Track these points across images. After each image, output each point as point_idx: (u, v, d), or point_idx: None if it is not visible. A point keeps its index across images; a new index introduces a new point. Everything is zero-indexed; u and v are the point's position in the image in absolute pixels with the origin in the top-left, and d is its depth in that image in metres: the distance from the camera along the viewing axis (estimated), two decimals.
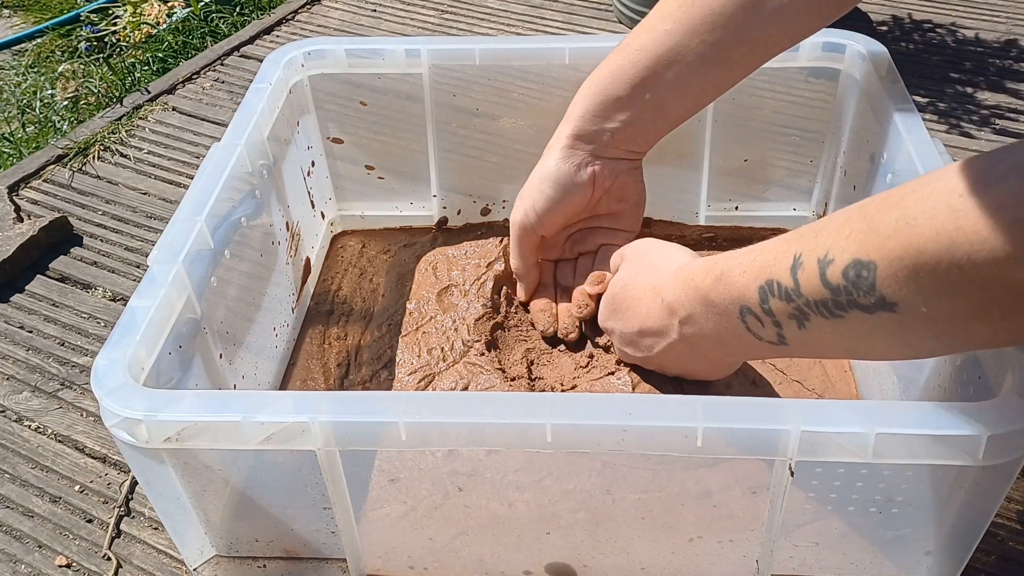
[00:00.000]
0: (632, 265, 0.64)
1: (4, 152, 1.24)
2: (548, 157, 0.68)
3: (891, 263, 0.40)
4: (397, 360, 0.71)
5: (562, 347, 0.71)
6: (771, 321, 0.48)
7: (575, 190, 0.67)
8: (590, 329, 0.71)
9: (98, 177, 1.00)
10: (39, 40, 1.62)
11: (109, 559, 0.63)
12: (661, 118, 0.65)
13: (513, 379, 0.68)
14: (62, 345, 0.79)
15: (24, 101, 1.39)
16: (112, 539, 0.64)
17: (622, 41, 0.65)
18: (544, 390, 0.68)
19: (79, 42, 1.55)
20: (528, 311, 0.74)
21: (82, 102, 1.35)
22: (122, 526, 0.65)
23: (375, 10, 1.30)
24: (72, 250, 0.90)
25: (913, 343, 0.44)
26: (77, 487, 0.68)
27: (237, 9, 1.50)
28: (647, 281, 0.61)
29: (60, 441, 0.71)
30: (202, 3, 1.48)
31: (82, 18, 1.59)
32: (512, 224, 0.70)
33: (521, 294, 0.74)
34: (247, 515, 0.56)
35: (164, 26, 1.48)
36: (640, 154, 0.69)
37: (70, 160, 1.02)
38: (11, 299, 0.84)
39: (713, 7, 0.60)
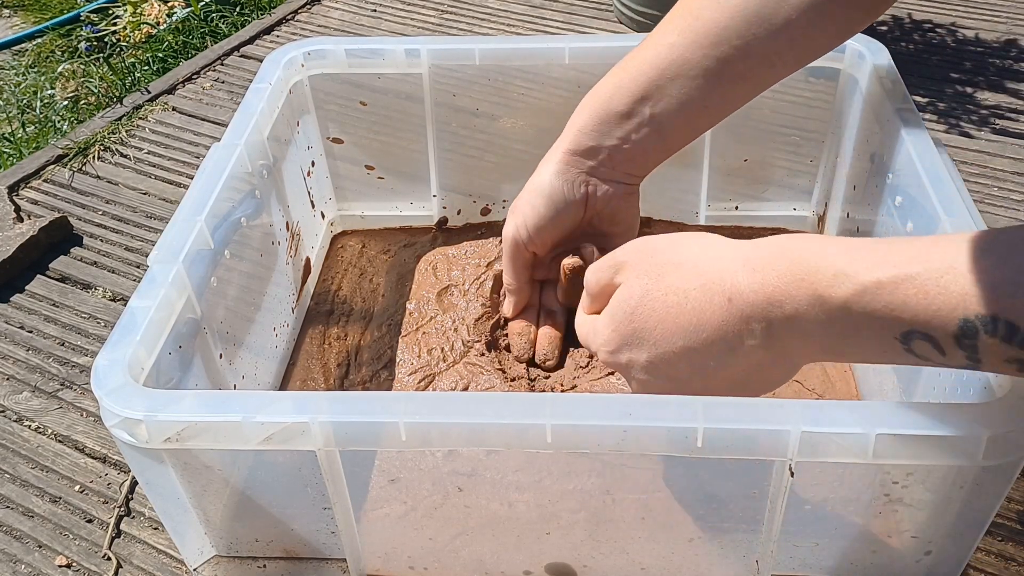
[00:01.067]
0: (645, 270, 0.51)
1: (4, 152, 1.24)
2: (543, 170, 0.65)
3: None
4: (397, 360, 0.71)
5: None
6: (965, 355, 0.40)
7: (567, 208, 0.65)
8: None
9: (98, 177, 1.00)
10: (39, 40, 1.62)
11: (109, 559, 0.63)
12: (660, 137, 0.63)
13: (513, 379, 0.68)
14: (62, 345, 0.79)
15: (24, 101, 1.39)
16: (112, 539, 0.64)
17: (627, 55, 0.63)
18: (544, 390, 0.68)
19: (79, 42, 1.55)
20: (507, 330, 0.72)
21: (82, 102, 1.35)
22: (122, 526, 0.65)
23: (375, 10, 1.30)
24: (72, 250, 0.90)
25: None
26: (77, 487, 0.68)
27: (237, 9, 1.50)
28: (689, 282, 0.48)
29: (60, 441, 0.71)
30: (202, 3, 1.48)
31: (82, 18, 1.59)
32: (504, 239, 0.68)
33: (508, 309, 0.71)
34: (247, 515, 0.56)
35: (164, 26, 1.48)
36: (637, 178, 0.66)
37: (70, 160, 1.02)
38: (11, 299, 0.84)
39: (719, 20, 0.58)
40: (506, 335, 0.72)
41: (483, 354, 0.70)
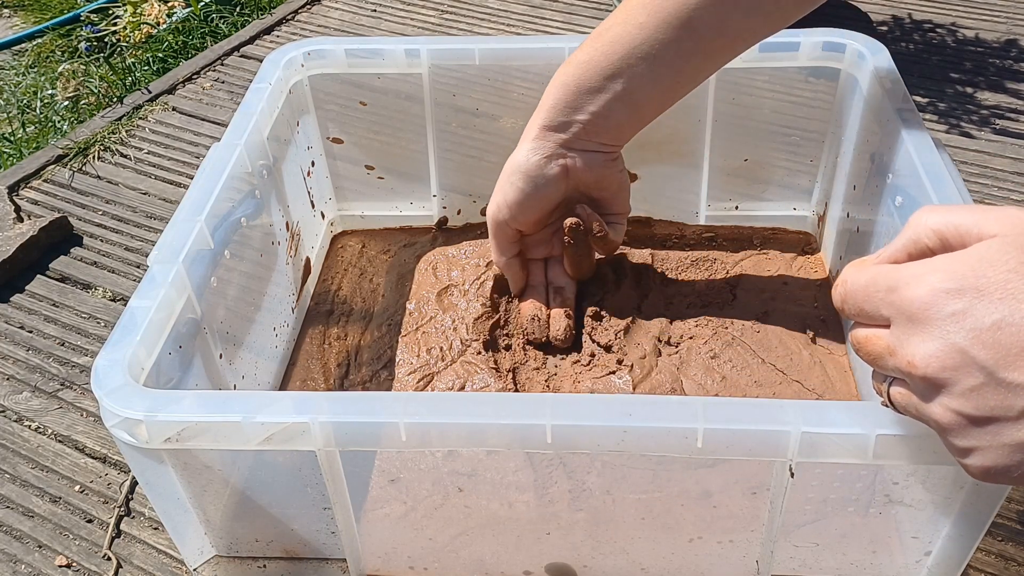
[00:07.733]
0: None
1: (4, 152, 1.24)
2: (519, 148, 0.66)
3: None
4: (397, 360, 0.71)
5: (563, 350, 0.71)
6: None
7: (547, 183, 0.66)
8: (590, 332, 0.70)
9: (98, 177, 1.00)
10: (39, 40, 1.62)
11: (109, 559, 0.63)
12: (633, 110, 0.63)
13: (508, 371, 0.68)
14: (62, 345, 0.79)
15: (24, 101, 1.39)
16: (112, 539, 0.64)
17: (595, 30, 0.63)
18: (543, 380, 0.68)
19: (79, 42, 1.55)
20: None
21: (82, 102, 1.35)
22: (122, 526, 0.65)
23: (375, 10, 1.30)
24: (72, 250, 0.90)
25: None
26: (77, 487, 0.68)
27: (237, 9, 1.50)
28: None
29: (60, 441, 0.71)
30: (202, 3, 1.48)
31: (82, 18, 1.59)
32: (487, 218, 0.70)
33: (512, 290, 0.73)
34: (247, 515, 0.56)
35: (164, 26, 1.48)
36: (615, 147, 0.67)
37: (70, 160, 1.02)
38: (11, 299, 0.84)
39: (688, 3, 0.58)
40: (507, 334, 0.72)
41: (479, 352, 0.70)
